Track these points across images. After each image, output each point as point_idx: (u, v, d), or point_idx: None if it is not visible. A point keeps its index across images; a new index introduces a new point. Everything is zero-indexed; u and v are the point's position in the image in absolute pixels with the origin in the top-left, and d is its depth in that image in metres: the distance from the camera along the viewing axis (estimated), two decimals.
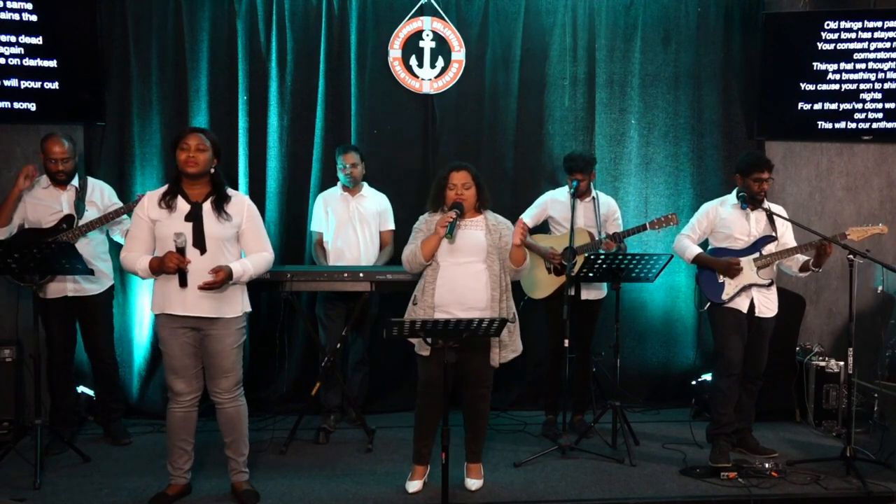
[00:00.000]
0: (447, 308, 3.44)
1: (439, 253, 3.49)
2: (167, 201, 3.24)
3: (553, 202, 4.48)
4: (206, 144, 3.26)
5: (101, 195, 4.23)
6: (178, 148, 3.24)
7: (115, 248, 4.29)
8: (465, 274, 3.47)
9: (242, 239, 3.36)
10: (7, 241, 3.93)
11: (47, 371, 4.13)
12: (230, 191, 3.37)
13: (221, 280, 3.17)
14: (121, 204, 4.22)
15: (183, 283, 3.18)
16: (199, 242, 3.21)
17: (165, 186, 3.32)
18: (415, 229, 3.62)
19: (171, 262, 3.13)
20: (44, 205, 4.08)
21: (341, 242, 4.56)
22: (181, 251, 3.15)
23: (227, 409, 3.37)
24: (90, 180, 4.24)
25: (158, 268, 3.17)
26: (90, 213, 4.13)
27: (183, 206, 3.24)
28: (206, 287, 3.17)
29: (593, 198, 4.38)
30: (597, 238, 4.28)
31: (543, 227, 4.54)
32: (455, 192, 3.52)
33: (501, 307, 3.50)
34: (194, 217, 3.22)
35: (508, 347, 3.54)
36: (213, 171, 3.30)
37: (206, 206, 3.26)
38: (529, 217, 4.44)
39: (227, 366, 3.31)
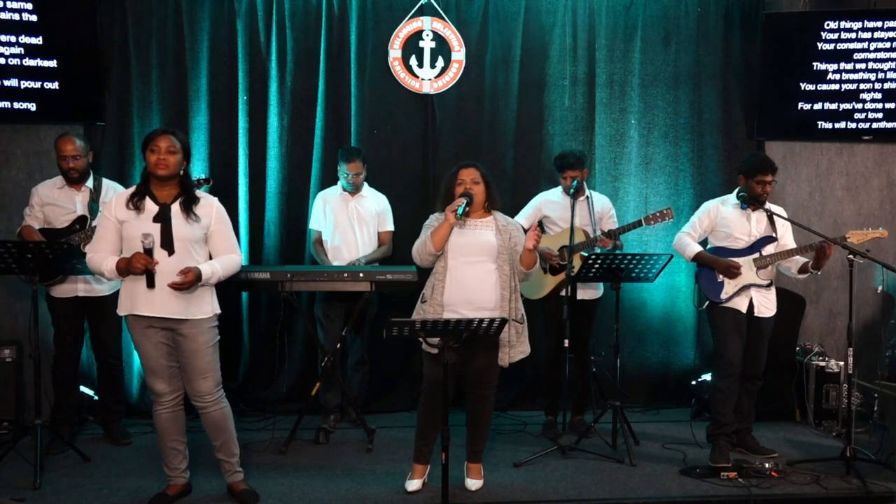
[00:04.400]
0: (456, 307, 3.43)
1: (450, 252, 3.48)
2: (135, 202, 3.20)
3: (547, 202, 4.48)
4: (177, 146, 3.23)
5: None
6: (148, 149, 3.21)
7: None
8: (475, 273, 3.46)
9: (211, 241, 3.32)
10: (13, 241, 3.93)
11: (52, 370, 4.15)
12: (199, 193, 3.34)
13: (191, 281, 3.14)
14: None
15: (150, 284, 3.15)
16: (168, 244, 3.17)
17: (133, 187, 3.29)
18: (425, 226, 3.61)
19: (139, 263, 3.10)
20: (59, 205, 4.10)
21: (339, 242, 4.56)
22: (149, 252, 3.12)
23: (211, 413, 3.33)
24: (105, 181, 4.25)
25: (125, 269, 3.13)
26: None
27: (151, 207, 3.21)
28: (175, 287, 3.14)
29: (587, 196, 4.38)
30: (591, 236, 4.28)
31: None
32: (464, 186, 3.53)
33: (511, 307, 3.50)
34: (163, 218, 3.19)
35: (516, 348, 3.53)
36: (182, 172, 3.27)
37: (175, 208, 3.23)
38: (524, 218, 4.45)
39: (203, 366, 3.26)
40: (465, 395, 3.66)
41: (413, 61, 5.00)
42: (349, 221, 4.55)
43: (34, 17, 4.57)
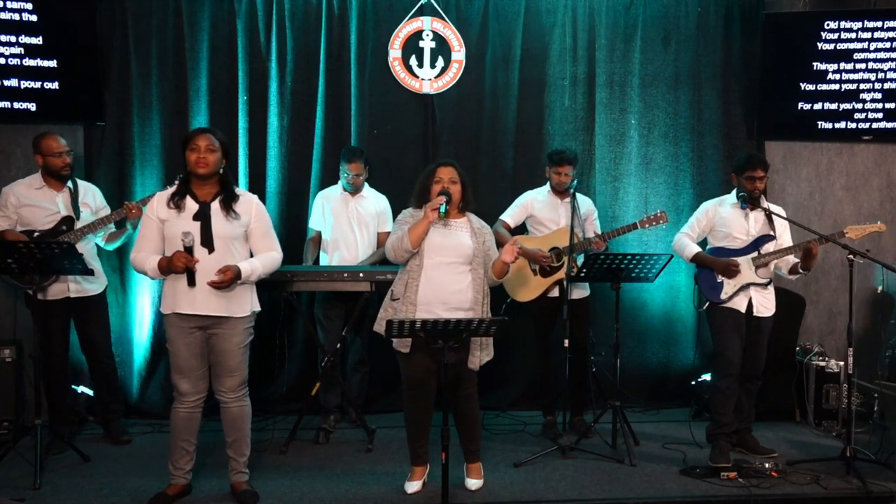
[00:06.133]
0: (430, 307, 3.42)
1: (425, 251, 3.47)
2: (176, 201, 3.26)
3: (534, 202, 4.46)
4: (216, 145, 3.28)
5: (94, 197, 4.26)
6: (188, 149, 3.26)
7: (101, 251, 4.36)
8: (451, 274, 3.45)
9: (251, 238, 3.37)
10: (7, 242, 3.92)
11: (44, 371, 4.12)
12: (239, 190, 3.39)
13: (230, 279, 3.19)
14: (108, 208, 4.26)
15: (191, 282, 3.19)
16: (208, 241, 3.22)
17: (174, 186, 3.34)
18: (398, 221, 3.60)
19: (179, 262, 3.15)
20: (39, 206, 4.05)
21: (339, 242, 4.56)
22: (189, 250, 3.17)
23: (231, 409, 3.38)
24: (80, 182, 4.24)
25: (167, 267, 3.19)
26: (85, 215, 4.13)
27: (192, 205, 3.26)
28: (215, 285, 3.18)
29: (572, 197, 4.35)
30: (581, 238, 4.27)
31: (521, 228, 4.53)
32: (442, 185, 3.52)
33: (483, 310, 3.50)
34: (202, 216, 3.24)
35: (485, 351, 3.53)
36: (221, 171, 3.32)
37: (215, 206, 3.27)
38: (510, 216, 4.44)
39: (233, 365, 3.32)
40: (445, 397, 3.64)
41: (413, 61, 5.00)
42: (349, 222, 4.55)
43: (34, 17, 4.57)
